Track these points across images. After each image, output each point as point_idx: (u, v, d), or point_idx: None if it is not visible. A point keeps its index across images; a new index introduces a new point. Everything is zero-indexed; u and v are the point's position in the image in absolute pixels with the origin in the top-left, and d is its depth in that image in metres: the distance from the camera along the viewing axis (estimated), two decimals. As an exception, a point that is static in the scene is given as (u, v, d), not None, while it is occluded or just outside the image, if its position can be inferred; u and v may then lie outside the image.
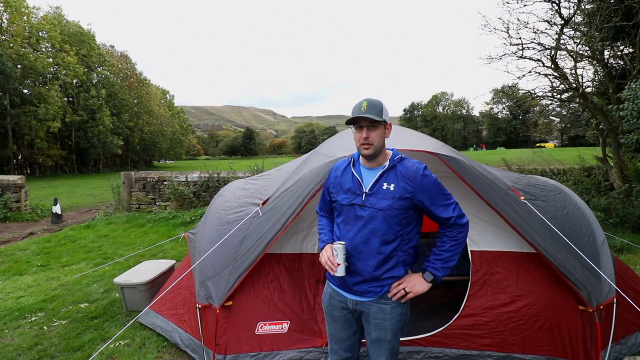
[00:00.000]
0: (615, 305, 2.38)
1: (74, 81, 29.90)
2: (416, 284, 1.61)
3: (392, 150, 1.71)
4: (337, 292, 1.73)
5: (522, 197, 2.50)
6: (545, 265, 2.35)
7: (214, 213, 3.22)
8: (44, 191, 15.43)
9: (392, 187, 1.58)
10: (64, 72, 28.25)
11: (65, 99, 29.21)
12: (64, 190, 16.09)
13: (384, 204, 1.57)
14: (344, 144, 2.81)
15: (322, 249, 1.72)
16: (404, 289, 1.60)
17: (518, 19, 8.28)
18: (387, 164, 1.63)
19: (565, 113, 10.76)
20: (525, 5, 6.65)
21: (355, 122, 1.60)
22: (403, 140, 2.96)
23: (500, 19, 8.41)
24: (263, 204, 2.71)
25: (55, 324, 3.28)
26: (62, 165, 30.74)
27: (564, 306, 2.35)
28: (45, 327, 3.21)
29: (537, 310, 2.37)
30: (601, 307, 2.31)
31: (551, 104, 8.70)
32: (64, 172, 30.53)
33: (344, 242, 1.61)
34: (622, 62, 6.61)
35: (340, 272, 1.59)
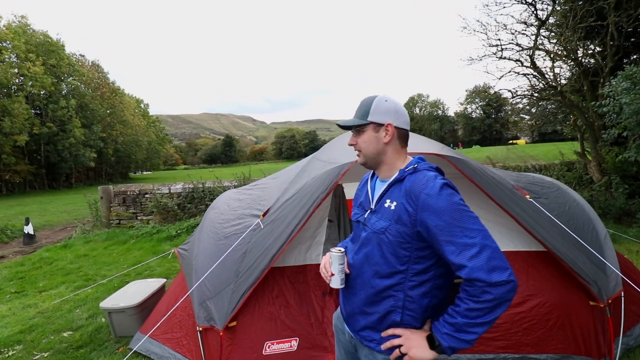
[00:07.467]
0: (622, 297, 2.40)
1: (42, 92, 28.45)
2: (415, 346, 1.17)
3: (414, 157, 1.35)
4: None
5: (528, 196, 2.49)
6: (554, 263, 2.34)
7: (208, 227, 3.04)
8: (13, 210, 14.48)
9: (393, 205, 1.23)
10: (30, 83, 26.82)
11: (33, 111, 27.71)
12: (34, 208, 15.13)
13: (380, 225, 1.25)
14: (345, 149, 2.71)
15: None
16: (399, 347, 1.20)
17: (496, 21, 8.55)
18: (396, 175, 1.28)
19: (534, 111, 11.13)
20: (503, 7, 6.87)
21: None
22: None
23: (478, 21, 8.67)
24: (264, 215, 2.57)
25: (37, 357, 2.99)
26: (31, 181, 29.01)
27: (575, 303, 2.35)
28: (24, 362, 2.92)
29: (549, 308, 2.35)
30: (609, 301, 2.32)
31: (529, 102, 9.00)
32: (34, 189, 28.83)
33: (343, 249, 1.37)
34: (593, 61, 6.92)
35: (334, 283, 1.35)
